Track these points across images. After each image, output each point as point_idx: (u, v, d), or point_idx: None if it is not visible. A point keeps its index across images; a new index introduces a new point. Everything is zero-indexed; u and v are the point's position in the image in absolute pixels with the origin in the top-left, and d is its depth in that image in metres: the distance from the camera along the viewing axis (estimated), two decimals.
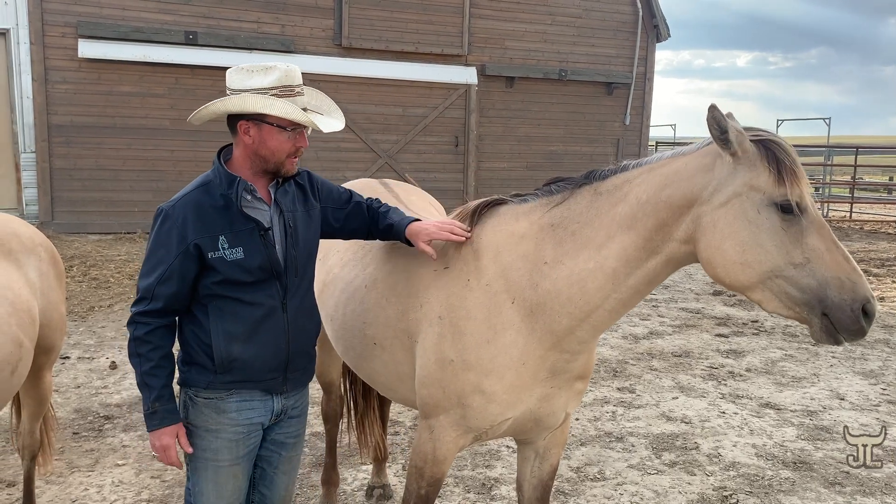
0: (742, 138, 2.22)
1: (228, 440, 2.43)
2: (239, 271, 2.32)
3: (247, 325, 2.37)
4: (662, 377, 6.36)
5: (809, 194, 2.20)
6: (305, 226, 2.51)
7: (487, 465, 4.55)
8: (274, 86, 2.29)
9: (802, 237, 2.15)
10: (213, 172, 2.40)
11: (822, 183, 22.89)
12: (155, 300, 2.31)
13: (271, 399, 2.48)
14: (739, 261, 2.20)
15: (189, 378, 2.43)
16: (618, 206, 2.40)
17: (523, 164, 15.59)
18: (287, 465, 2.64)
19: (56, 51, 11.99)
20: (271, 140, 2.32)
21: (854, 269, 2.13)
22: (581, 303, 2.42)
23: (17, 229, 3.40)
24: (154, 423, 2.35)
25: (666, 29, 16.41)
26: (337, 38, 13.70)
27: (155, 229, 2.35)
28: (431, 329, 2.63)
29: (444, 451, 2.68)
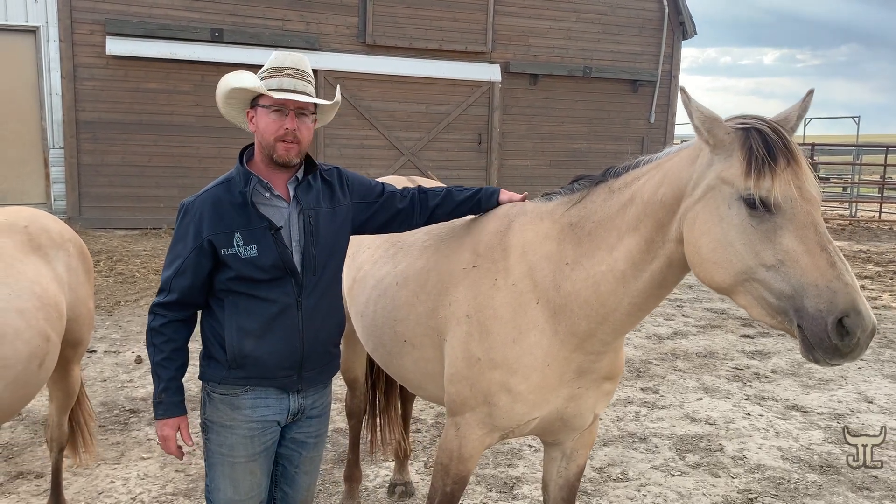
0: (712, 125, 2.08)
1: (243, 436, 2.45)
2: (252, 269, 2.34)
3: (260, 322, 2.38)
4: (686, 378, 6.30)
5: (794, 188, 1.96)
6: (329, 223, 2.49)
7: (510, 464, 4.54)
8: (265, 70, 2.37)
9: (775, 237, 1.95)
10: (235, 170, 2.44)
11: (850, 183, 22.55)
12: (171, 292, 2.38)
13: (287, 397, 2.48)
14: (712, 259, 2.06)
15: (207, 373, 2.47)
16: (627, 206, 2.34)
17: (546, 162, 15.52)
18: (309, 464, 2.65)
19: (84, 48, 12.15)
20: (261, 121, 2.35)
21: (838, 276, 1.87)
22: (597, 305, 2.39)
23: (46, 224, 3.44)
24: (159, 413, 2.42)
25: (692, 26, 16.24)
26: (361, 36, 13.74)
27: (177, 224, 2.41)
28: (460, 327, 2.62)
29: (470, 448, 2.67)
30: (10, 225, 3.28)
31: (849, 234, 16.23)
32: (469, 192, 2.82)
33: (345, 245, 2.60)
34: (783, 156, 1.98)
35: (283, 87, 2.34)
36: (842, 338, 1.85)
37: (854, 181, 22.48)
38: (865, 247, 14.33)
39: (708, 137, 2.09)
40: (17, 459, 4.50)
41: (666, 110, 16.44)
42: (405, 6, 13.90)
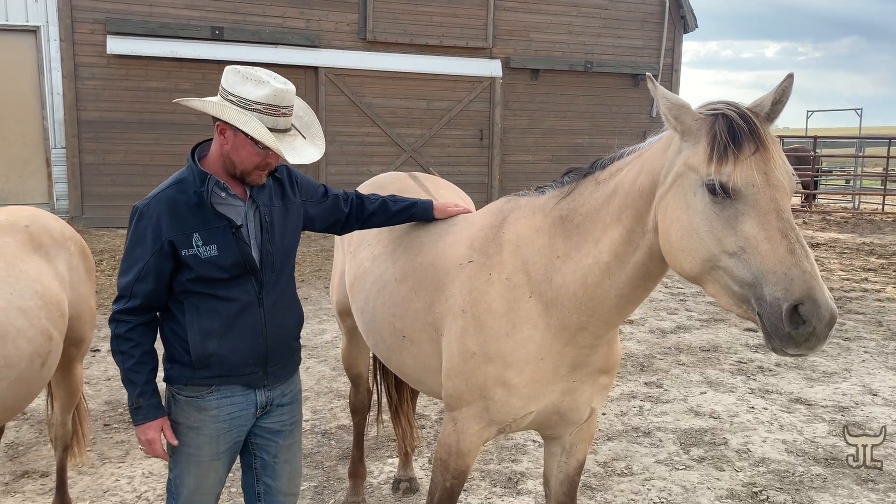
0: (679, 112, 2.06)
1: (209, 436, 2.46)
2: (213, 269, 2.34)
3: (222, 321, 2.38)
4: (690, 372, 6.29)
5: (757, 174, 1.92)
6: (283, 220, 2.52)
7: (514, 460, 4.54)
8: (261, 102, 2.27)
9: (736, 223, 1.92)
10: (187, 169, 2.40)
11: (853, 175, 22.49)
12: (133, 298, 2.35)
13: (253, 393, 2.50)
14: (680, 247, 2.05)
15: (171, 375, 2.46)
16: (611, 197, 2.33)
17: (548, 157, 15.49)
18: (286, 453, 2.65)
19: (85, 47, 12.14)
20: (243, 150, 2.32)
21: (796, 263, 1.83)
22: (585, 298, 2.38)
23: (47, 224, 3.45)
24: (139, 418, 2.40)
25: (693, 20, 16.20)
26: (361, 32, 13.72)
27: (132, 227, 2.37)
28: (455, 322, 2.63)
29: (468, 443, 2.67)
30: (11, 224, 3.28)
31: (852, 226, 16.19)
32: (404, 203, 2.95)
33: (297, 242, 2.62)
34: (749, 141, 1.95)
35: (287, 127, 2.37)
36: (796, 326, 1.81)
37: (857, 174, 22.42)
38: (869, 239, 14.30)
39: (676, 124, 2.07)
40: (21, 458, 4.51)
41: None
42: (405, 2, 13.88)
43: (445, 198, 3.48)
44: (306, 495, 4.10)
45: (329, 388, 5.80)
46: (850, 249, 12.97)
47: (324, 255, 11.13)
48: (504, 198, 2.85)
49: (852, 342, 7.24)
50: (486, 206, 2.91)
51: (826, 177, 23.64)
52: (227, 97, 2.29)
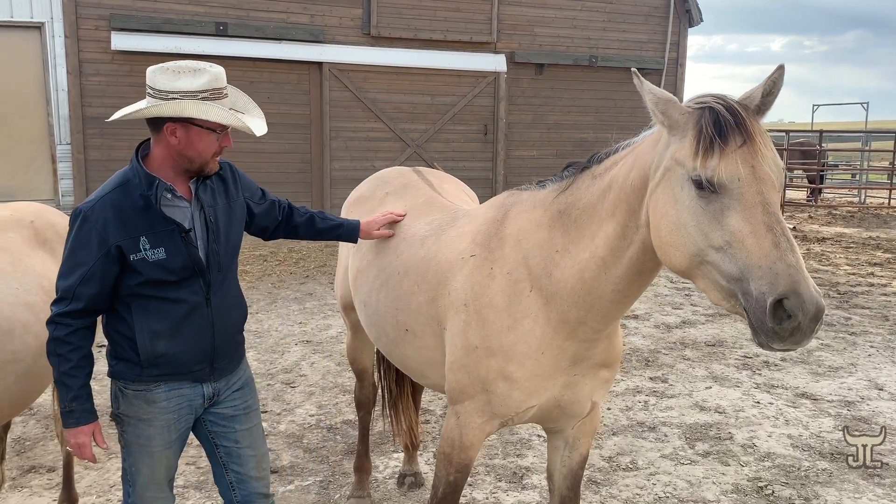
0: (666, 106, 2.05)
1: (160, 427, 2.47)
2: (161, 271, 2.33)
3: (171, 323, 2.38)
4: (695, 367, 6.29)
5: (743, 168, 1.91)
6: (228, 219, 2.52)
7: (518, 454, 4.54)
8: (204, 89, 2.27)
9: (722, 217, 1.91)
10: (131, 171, 2.37)
11: (859, 169, 22.40)
12: (76, 300, 2.32)
13: (200, 386, 2.52)
14: (668, 242, 2.05)
15: (118, 371, 2.46)
16: (606, 192, 2.33)
17: (553, 152, 15.45)
18: (248, 438, 2.65)
19: (90, 43, 12.14)
20: (199, 142, 2.32)
21: (781, 257, 1.81)
22: (583, 293, 2.38)
23: (52, 219, 3.46)
24: (71, 422, 2.39)
25: (698, 13, 16.12)
26: (365, 27, 13.69)
27: (74, 230, 2.34)
28: (458, 316, 2.64)
29: (471, 437, 2.68)
30: (16, 220, 3.29)
31: (858, 221, 16.13)
32: (332, 222, 3.00)
33: (241, 239, 2.62)
34: (735, 134, 1.93)
35: (231, 106, 2.39)
36: (780, 321, 1.80)
37: (863, 168, 22.33)
38: (875, 233, 14.25)
39: (663, 119, 2.07)
40: (29, 454, 4.53)
41: None
42: None
43: (449, 192, 3.49)
44: (312, 490, 4.11)
45: (334, 383, 5.81)
46: (856, 244, 12.93)
47: (328, 251, 11.14)
48: (506, 192, 2.86)
49: (858, 337, 7.22)
50: (488, 201, 2.93)
51: (832, 171, 23.55)
52: (167, 96, 2.26)
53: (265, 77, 12.99)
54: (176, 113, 2.26)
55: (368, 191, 3.59)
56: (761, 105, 2.06)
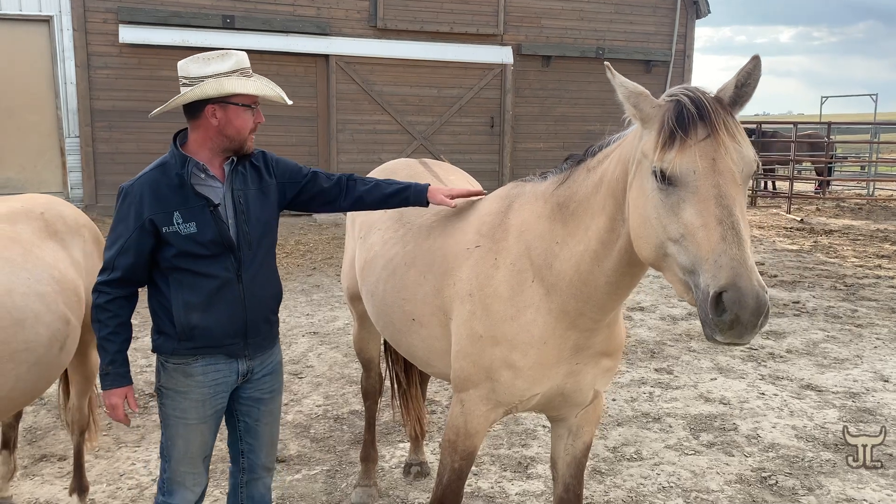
0: (637, 99, 2.07)
1: (195, 400, 2.64)
2: (193, 245, 2.51)
3: (204, 296, 2.56)
4: (701, 358, 6.30)
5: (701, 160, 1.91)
6: (259, 203, 2.68)
7: (524, 444, 4.58)
8: (234, 69, 2.49)
9: (679, 210, 1.93)
10: (169, 154, 2.59)
11: (868, 161, 22.27)
12: (115, 270, 2.53)
13: (235, 362, 2.68)
14: (637, 234, 2.08)
15: (159, 345, 2.65)
16: (598, 185, 2.35)
17: (560, 144, 15.45)
18: (268, 417, 2.86)
19: (98, 37, 12.21)
20: (237, 119, 2.52)
21: (725, 250, 1.81)
22: (579, 284, 2.42)
23: (62, 211, 3.50)
24: (107, 384, 2.60)
25: (706, 5, 16.07)
26: (372, 20, 13.70)
27: (117, 206, 2.56)
28: (463, 306, 2.68)
29: (476, 424, 2.71)
30: (27, 212, 3.33)
31: (866, 213, 16.07)
32: (399, 185, 2.99)
33: (275, 222, 2.78)
34: (697, 127, 1.93)
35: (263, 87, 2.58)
36: (720, 314, 1.81)
37: (872, 160, 22.20)
38: (883, 226, 14.19)
39: (635, 112, 2.09)
40: (40, 443, 4.59)
41: None
42: None
43: (454, 184, 3.51)
44: (318, 479, 4.15)
45: (341, 373, 5.85)
46: (864, 236, 12.89)
47: (335, 242, 11.18)
48: (511, 183, 2.90)
49: (864, 329, 7.22)
50: (493, 192, 2.96)
51: (841, 163, 23.44)
52: (203, 80, 2.46)
53: (272, 70, 13.01)
54: (217, 90, 2.44)
55: None
56: (736, 97, 2.06)
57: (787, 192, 16.46)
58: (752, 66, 2.05)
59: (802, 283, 9.27)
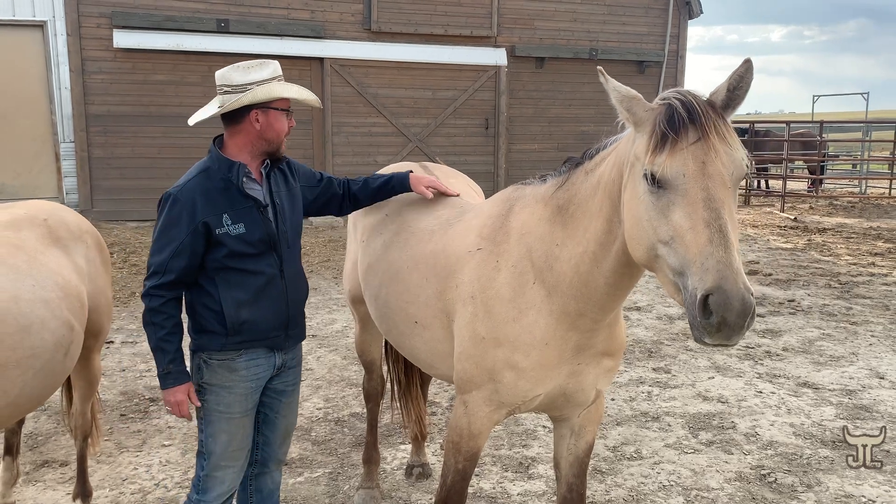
0: (630, 103, 2.10)
1: (239, 394, 2.78)
2: (242, 244, 2.66)
3: (252, 292, 2.70)
4: (698, 357, 6.34)
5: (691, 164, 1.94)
6: (291, 204, 2.88)
7: (524, 445, 4.61)
8: (273, 76, 2.68)
9: (668, 212, 1.96)
10: (210, 160, 2.72)
11: (860, 160, 22.41)
12: (168, 273, 2.62)
13: (273, 355, 2.84)
14: (630, 235, 2.12)
15: (202, 344, 2.75)
16: (596, 188, 2.39)
17: (554, 145, 15.50)
18: (287, 409, 3.02)
19: (92, 41, 12.19)
20: (277, 122, 2.69)
21: (712, 253, 1.84)
22: (579, 285, 2.45)
23: (64, 217, 3.52)
24: (169, 382, 2.69)
25: (698, 6, 16.14)
26: (366, 23, 13.72)
27: (165, 211, 2.65)
28: (466, 308, 2.70)
29: (479, 425, 2.74)
30: (30, 218, 3.35)
31: (859, 211, 16.17)
32: (383, 178, 3.28)
33: (302, 223, 2.96)
34: (688, 131, 1.96)
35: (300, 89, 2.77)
36: (707, 316, 1.83)
37: (864, 158, 22.33)
38: (876, 224, 14.29)
39: (628, 116, 2.12)
40: (41, 448, 4.59)
41: None
42: None
43: (455, 188, 3.54)
44: (321, 481, 4.18)
45: (341, 376, 5.87)
46: (857, 234, 12.98)
47: (331, 245, 11.20)
48: (511, 186, 2.92)
49: (859, 326, 7.28)
50: (494, 195, 2.99)
51: (833, 161, 23.56)
52: (247, 87, 2.63)
53: None
54: (267, 94, 2.62)
55: None
56: (728, 100, 2.08)
57: (780, 191, 16.55)
58: (744, 69, 2.07)
59: (797, 281, 9.33)
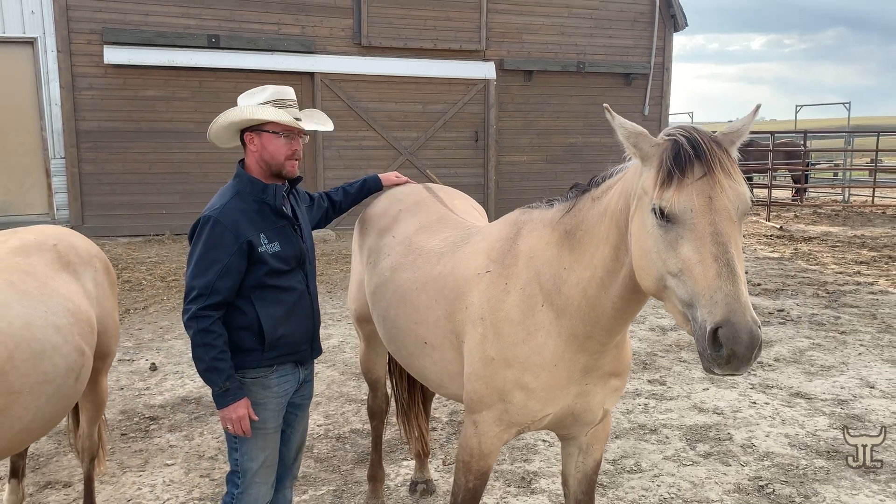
0: (637, 139, 2.19)
1: (273, 410, 2.90)
2: (279, 262, 2.80)
3: (286, 308, 2.85)
4: (692, 368, 6.43)
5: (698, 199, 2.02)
6: (306, 223, 3.08)
7: (526, 460, 4.66)
8: (268, 100, 2.80)
9: (677, 246, 2.03)
10: (239, 182, 2.85)
11: (843, 168, 22.71)
12: (214, 294, 2.69)
13: (298, 370, 3.00)
14: (639, 265, 2.20)
15: (237, 363, 2.81)
16: (602, 216, 2.47)
17: (543, 157, 15.62)
18: (301, 424, 3.16)
19: (82, 58, 12.18)
20: (270, 145, 2.78)
21: (720, 286, 1.92)
22: (587, 308, 2.52)
23: (74, 242, 3.55)
24: (229, 399, 2.74)
25: (683, 18, 16.35)
26: (356, 38, 13.81)
27: (205, 234, 2.72)
28: (475, 330, 2.76)
29: (489, 445, 2.80)
30: (39, 244, 3.38)
31: (843, 219, 16.39)
32: (359, 182, 3.65)
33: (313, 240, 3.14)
34: (694, 167, 2.04)
35: (297, 116, 2.83)
36: (717, 349, 1.91)
37: (846, 166, 22.64)
38: (860, 232, 14.50)
39: (634, 151, 2.21)
40: (44, 469, 4.60)
41: (660, 102, 16.55)
42: (399, 7, 13.97)
43: (459, 208, 3.62)
44: (325, 499, 4.21)
45: (339, 392, 5.90)
46: (842, 242, 13.16)
47: (324, 259, 11.23)
48: (518, 210, 2.98)
49: (848, 336, 7.40)
50: (501, 218, 3.05)
51: (817, 170, 23.87)
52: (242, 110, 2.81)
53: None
54: (238, 117, 2.77)
55: (382, 208, 3.70)
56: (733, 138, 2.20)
57: (766, 200, 16.75)
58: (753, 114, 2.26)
59: (786, 290, 9.47)
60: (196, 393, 5.83)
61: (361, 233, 3.77)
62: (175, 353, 6.75)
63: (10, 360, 2.75)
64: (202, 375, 2.75)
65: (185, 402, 5.67)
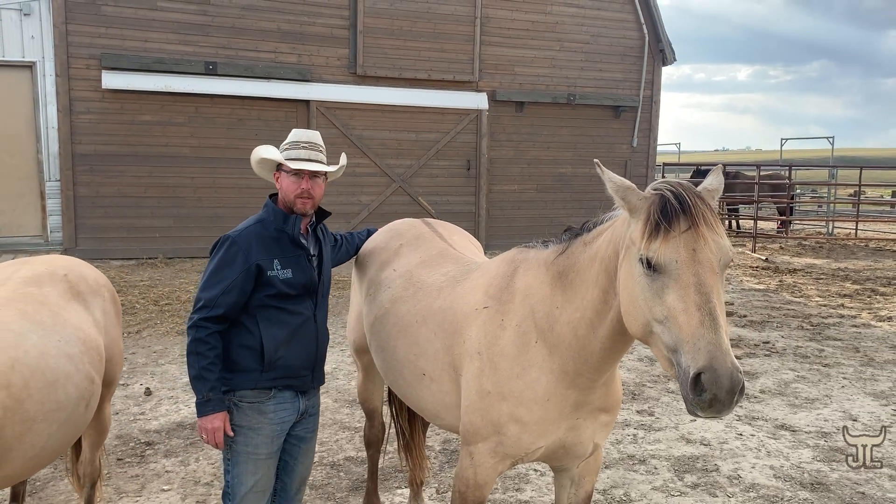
0: (625, 193, 2.34)
1: (266, 436, 2.99)
2: (287, 287, 2.97)
3: (289, 331, 2.99)
4: (680, 399, 6.54)
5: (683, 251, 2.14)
6: (328, 258, 3.26)
7: (517, 489, 4.76)
8: (287, 142, 3.08)
9: (663, 294, 2.14)
10: (266, 212, 3.09)
11: (826, 201, 23.09)
12: (217, 307, 2.88)
13: (298, 400, 3.08)
14: (626, 311, 2.34)
15: (236, 383, 2.95)
16: (593, 260, 2.61)
17: (534, 186, 15.85)
18: (305, 455, 3.24)
19: (80, 82, 12.31)
20: (283, 182, 3.06)
21: (703, 334, 2.03)
22: (577, 347, 2.66)
23: (83, 272, 3.66)
24: (208, 410, 2.87)
25: (672, 53, 16.71)
26: (352, 67, 14.03)
27: (221, 252, 2.95)
28: (472, 364, 2.88)
29: (485, 475, 2.90)
30: (50, 274, 3.48)
31: (826, 251, 16.66)
32: (363, 233, 3.97)
33: (331, 277, 3.34)
34: (679, 221, 2.17)
35: (300, 157, 3.04)
36: (699, 393, 2.01)
37: (830, 200, 23.02)
38: (843, 264, 14.74)
39: (623, 204, 2.36)
40: (40, 494, 4.63)
41: (648, 135, 16.86)
42: (394, 38, 14.23)
43: (458, 244, 3.75)
44: None
45: (333, 419, 5.97)
46: (826, 275, 13.38)
47: None
48: (515, 248, 3.13)
49: (832, 368, 7.56)
50: (500, 256, 3.18)
51: (801, 202, 24.24)
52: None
53: (253, 115, 13.25)
54: (256, 154, 3.11)
55: (382, 242, 3.83)
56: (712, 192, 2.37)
57: (751, 231, 17.01)
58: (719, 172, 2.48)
59: (771, 322, 9.63)
60: (191, 418, 5.88)
61: (361, 265, 3.88)
62: (169, 378, 6.80)
63: (25, 388, 2.84)
64: (191, 382, 2.93)
65: (181, 428, 5.73)
